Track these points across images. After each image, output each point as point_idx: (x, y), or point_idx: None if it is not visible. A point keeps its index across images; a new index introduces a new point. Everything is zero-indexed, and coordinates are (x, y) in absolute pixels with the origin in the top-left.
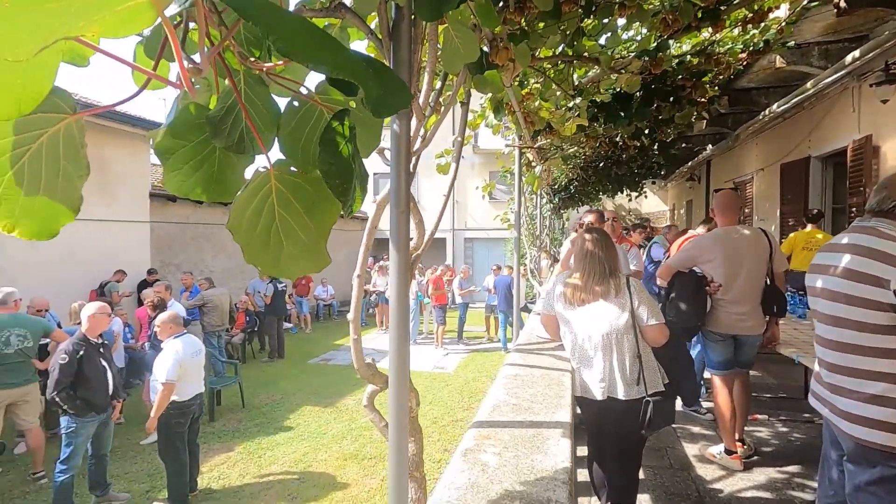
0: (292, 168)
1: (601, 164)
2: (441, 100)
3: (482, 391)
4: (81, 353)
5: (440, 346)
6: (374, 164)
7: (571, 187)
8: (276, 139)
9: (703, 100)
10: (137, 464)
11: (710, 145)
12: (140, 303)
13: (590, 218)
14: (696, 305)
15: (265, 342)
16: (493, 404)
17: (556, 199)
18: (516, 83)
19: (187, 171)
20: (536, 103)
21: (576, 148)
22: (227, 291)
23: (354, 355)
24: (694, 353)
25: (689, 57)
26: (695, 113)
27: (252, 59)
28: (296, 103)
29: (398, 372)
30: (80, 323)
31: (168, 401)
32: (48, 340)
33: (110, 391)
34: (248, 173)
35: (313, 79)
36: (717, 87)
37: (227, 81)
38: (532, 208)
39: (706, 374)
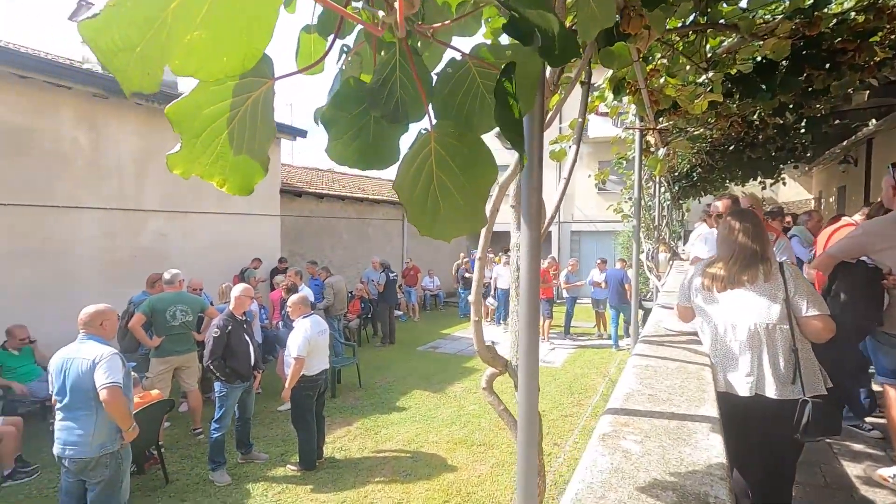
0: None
1: (731, 148)
2: (561, 80)
3: (592, 388)
4: (229, 328)
5: (546, 339)
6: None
7: (694, 174)
8: (431, 105)
9: (870, 64)
10: (273, 429)
11: (872, 120)
12: (273, 287)
13: (722, 204)
14: (867, 302)
15: (378, 328)
16: (625, 393)
17: (676, 188)
18: (640, 59)
19: (346, 141)
20: (661, 80)
21: (702, 129)
22: (343, 279)
23: (475, 336)
24: None
25: (852, 14)
26: (857, 81)
27: (419, 23)
28: (449, 69)
29: (528, 352)
30: (227, 302)
31: (299, 374)
32: (203, 315)
33: (252, 362)
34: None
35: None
36: (888, 49)
37: (382, 53)
38: (649, 198)
39: (874, 385)
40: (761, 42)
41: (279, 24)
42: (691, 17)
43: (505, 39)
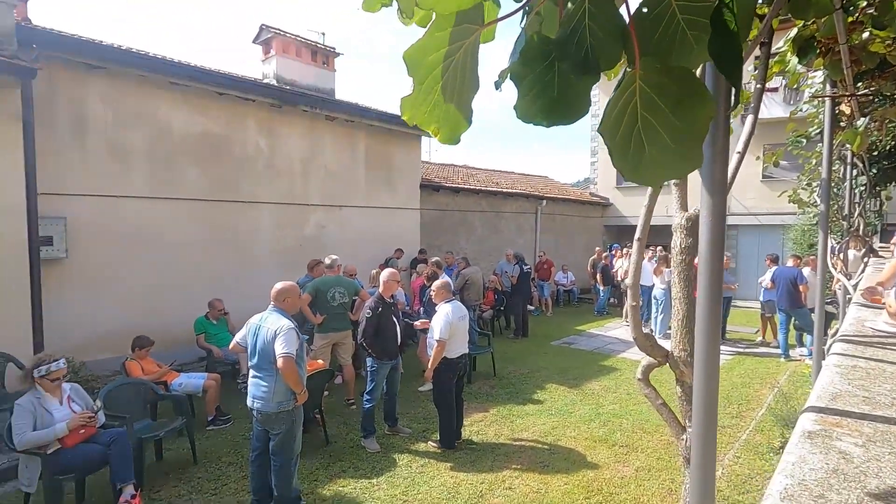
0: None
1: None
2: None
3: (755, 399)
4: (380, 309)
5: None
6: None
7: None
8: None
9: None
10: (415, 408)
11: None
12: (413, 276)
13: None
14: None
15: (510, 320)
16: (831, 393)
17: (875, 171)
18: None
19: (532, 98)
20: (865, 34)
21: None
22: (479, 270)
23: (632, 322)
24: None
25: None
26: None
27: None
28: (644, 9)
29: (707, 343)
30: (377, 286)
31: (441, 356)
32: (356, 298)
33: (399, 341)
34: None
35: None
36: None
37: (570, 6)
38: (836, 183)
39: None
40: None
41: None
42: None
43: None
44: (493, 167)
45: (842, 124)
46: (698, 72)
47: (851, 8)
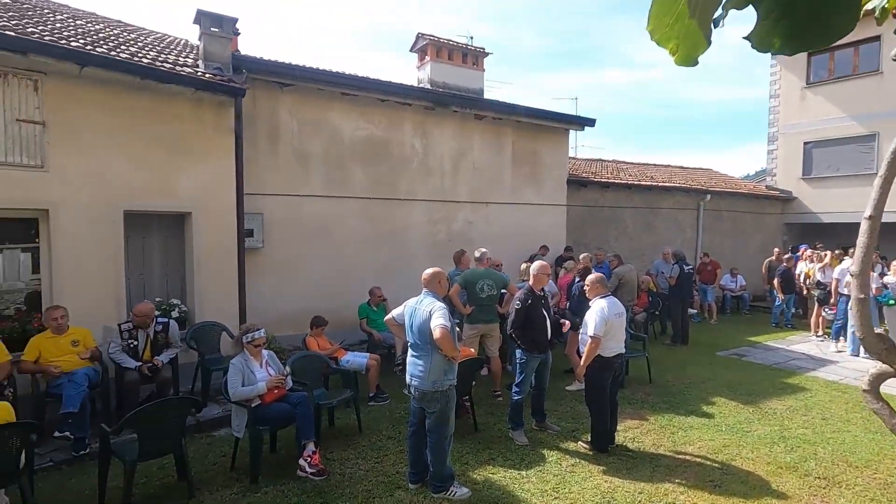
0: None
1: None
2: None
3: None
4: (530, 301)
5: None
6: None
7: None
8: None
9: None
10: (563, 406)
11: None
12: (557, 274)
13: None
14: None
15: (666, 325)
16: None
17: None
18: None
19: (772, 21)
20: None
21: None
22: (634, 269)
23: (858, 321)
24: None
25: None
26: None
27: None
28: None
29: None
30: (525, 279)
31: (595, 353)
32: (505, 291)
33: (549, 335)
34: None
35: None
36: None
37: None
38: None
39: None
40: None
41: None
42: None
43: None
44: (646, 160)
45: None
46: None
47: None
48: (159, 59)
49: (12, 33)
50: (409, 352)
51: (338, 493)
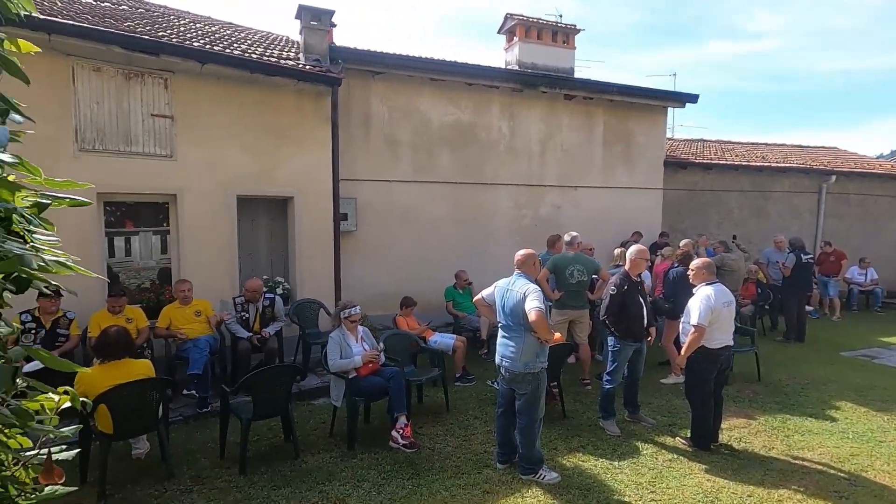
0: None
1: None
2: None
3: None
4: (625, 286)
5: None
6: None
7: None
8: None
9: None
10: (658, 399)
11: None
12: (652, 262)
13: None
14: None
15: (777, 320)
16: None
17: None
18: None
19: None
20: None
21: None
22: (742, 257)
23: None
24: None
25: None
26: None
27: None
28: None
29: None
30: (619, 265)
31: (698, 344)
32: (596, 277)
33: (645, 323)
34: None
35: None
36: None
37: None
38: None
39: None
40: None
41: None
42: None
43: None
44: (758, 139)
45: None
46: None
47: None
48: (266, 54)
49: (148, 38)
50: (500, 333)
51: (427, 465)
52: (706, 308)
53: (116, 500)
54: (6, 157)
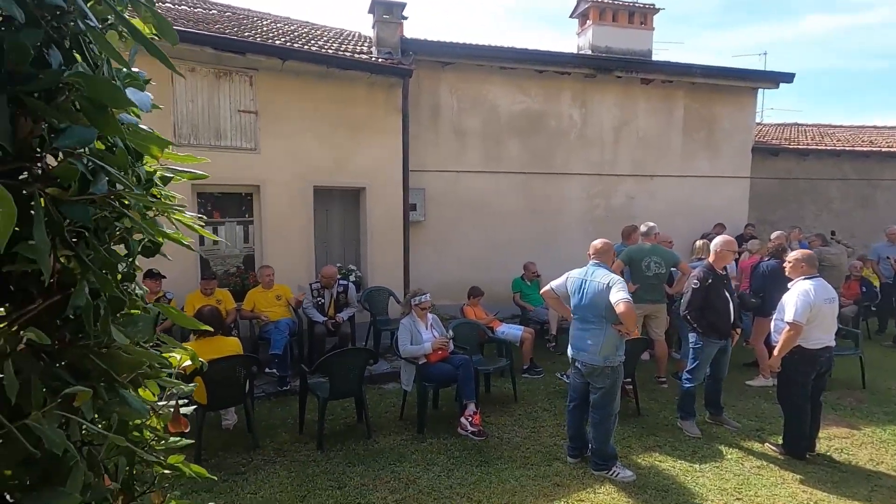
0: None
1: None
2: None
3: None
4: (710, 280)
5: None
6: None
7: None
8: None
9: None
10: (743, 401)
11: None
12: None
13: None
14: None
15: (887, 323)
16: None
17: None
18: None
19: None
20: None
21: None
22: (843, 251)
23: None
24: None
25: None
26: None
27: None
28: None
29: None
30: (701, 258)
31: (793, 343)
32: (674, 269)
33: (731, 320)
34: None
35: None
36: None
37: None
38: None
39: None
40: None
41: None
42: None
43: None
44: (863, 122)
45: None
46: None
47: None
48: (340, 49)
49: (235, 38)
50: (575, 325)
51: (496, 454)
52: (804, 304)
53: (209, 465)
54: (144, 128)
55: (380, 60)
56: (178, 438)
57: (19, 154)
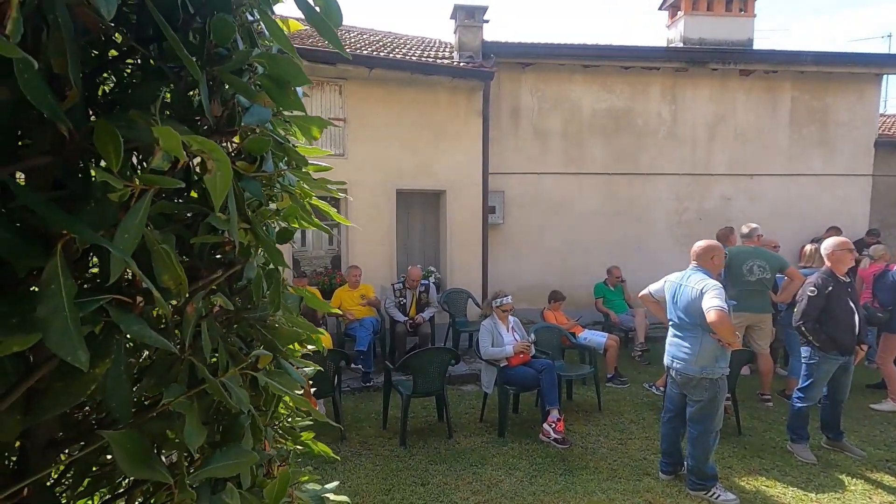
0: None
1: None
2: None
3: None
4: (830, 288)
5: None
6: None
7: None
8: None
9: None
10: (867, 427)
11: None
12: (857, 263)
13: None
14: None
15: None
16: None
17: None
18: None
19: None
20: None
21: None
22: None
23: None
24: None
25: None
26: None
27: None
28: None
29: None
30: (810, 266)
31: None
32: (780, 275)
33: (856, 333)
34: None
35: None
36: None
37: None
38: None
39: None
40: None
41: None
42: None
43: None
44: None
45: None
46: None
47: None
48: (423, 56)
49: (328, 49)
50: (671, 331)
51: (580, 464)
52: None
53: (300, 452)
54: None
55: (461, 64)
56: (305, 417)
57: (217, 129)
